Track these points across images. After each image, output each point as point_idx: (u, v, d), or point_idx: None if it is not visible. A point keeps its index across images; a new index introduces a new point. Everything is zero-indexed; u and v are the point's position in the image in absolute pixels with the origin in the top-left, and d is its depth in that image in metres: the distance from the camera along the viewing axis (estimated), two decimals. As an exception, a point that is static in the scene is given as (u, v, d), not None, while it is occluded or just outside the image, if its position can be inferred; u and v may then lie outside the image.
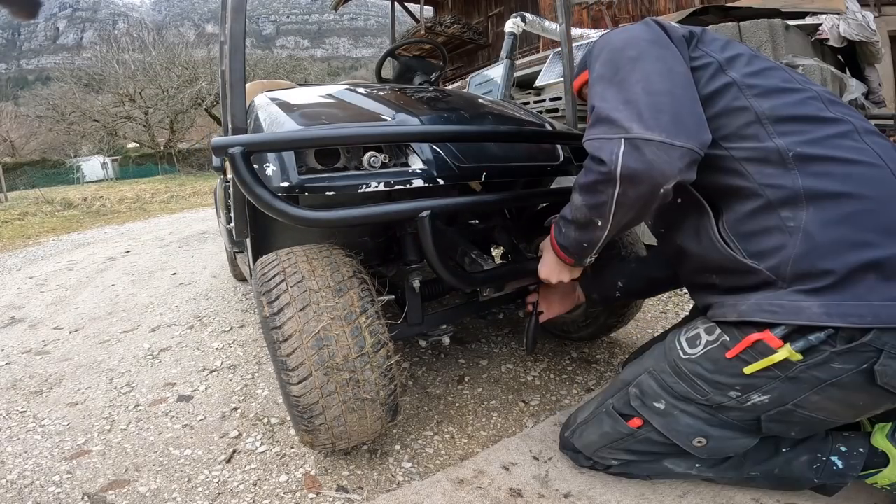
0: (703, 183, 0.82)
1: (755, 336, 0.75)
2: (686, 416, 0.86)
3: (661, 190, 0.74)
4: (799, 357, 0.72)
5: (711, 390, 0.82)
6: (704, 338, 0.83)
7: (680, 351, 0.86)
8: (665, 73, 0.78)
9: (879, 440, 0.86)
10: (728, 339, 0.79)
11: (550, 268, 1.06)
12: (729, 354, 0.78)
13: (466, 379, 1.54)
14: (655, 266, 1.21)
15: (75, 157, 24.59)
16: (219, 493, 1.09)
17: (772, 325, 0.74)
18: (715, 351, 0.81)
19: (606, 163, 0.75)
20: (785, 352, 0.72)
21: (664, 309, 2.04)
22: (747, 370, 0.76)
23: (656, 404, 0.89)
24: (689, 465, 0.94)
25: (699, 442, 0.87)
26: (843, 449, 0.87)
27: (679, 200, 0.88)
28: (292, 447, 1.23)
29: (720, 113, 0.80)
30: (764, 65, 0.84)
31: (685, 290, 0.99)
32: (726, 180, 0.80)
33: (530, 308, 1.33)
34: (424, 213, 0.97)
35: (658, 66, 0.78)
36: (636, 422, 0.92)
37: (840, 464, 0.87)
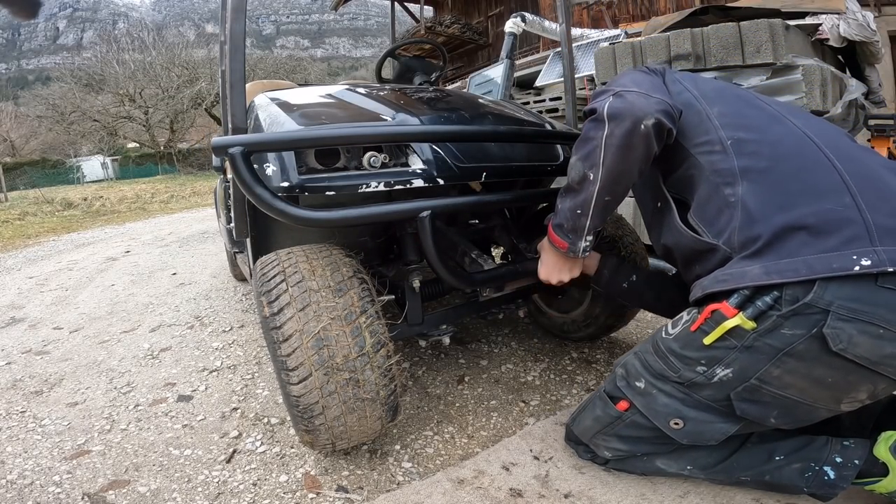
0: (674, 182, 0.96)
1: (713, 306, 0.81)
2: (663, 395, 0.89)
3: (642, 126, 0.86)
4: (752, 325, 0.76)
5: (682, 366, 0.85)
6: (683, 318, 0.88)
7: (663, 331, 0.91)
8: (646, 76, 0.98)
9: (882, 451, 0.85)
10: (697, 313, 0.84)
11: (550, 267, 1.08)
12: (693, 327, 0.83)
13: (466, 379, 1.54)
14: (668, 284, 1.20)
15: (75, 157, 24.57)
16: (219, 493, 1.09)
17: (727, 295, 0.80)
18: (685, 326, 0.86)
19: (598, 111, 0.90)
20: (738, 319, 0.77)
21: (664, 309, 2.04)
22: (706, 340, 0.81)
23: (637, 383, 0.92)
24: (680, 465, 0.96)
25: (676, 423, 0.88)
26: (838, 460, 0.87)
27: (658, 205, 1.00)
28: (292, 447, 1.23)
29: (684, 118, 0.94)
30: (722, 85, 1.03)
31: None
32: (688, 172, 0.92)
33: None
34: (425, 214, 0.97)
35: (641, 74, 0.99)
36: (623, 404, 0.95)
37: (832, 474, 0.86)
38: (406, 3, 10.87)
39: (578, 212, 0.95)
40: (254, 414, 1.41)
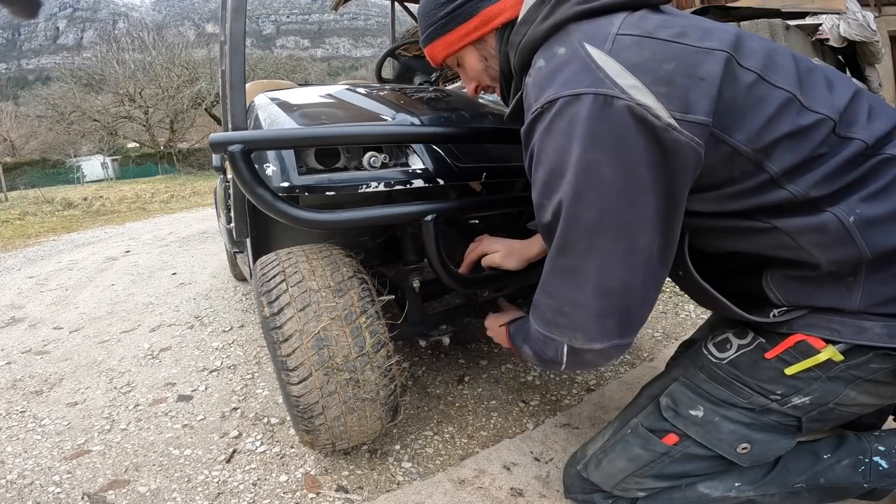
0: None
1: (798, 337, 0.74)
2: (728, 421, 0.82)
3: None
4: (841, 358, 0.72)
5: (752, 393, 0.80)
6: (735, 342, 0.82)
7: (710, 356, 0.84)
8: (626, 253, 0.68)
9: None
10: (765, 340, 0.78)
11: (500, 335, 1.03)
12: (769, 355, 0.77)
13: (466, 379, 1.54)
14: None
15: (75, 156, 24.60)
16: (219, 493, 1.09)
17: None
18: (751, 353, 0.79)
19: (553, 360, 0.81)
20: (829, 353, 0.72)
21: (664, 309, 2.04)
22: (788, 371, 0.75)
23: (693, 412, 0.84)
24: (727, 486, 0.87)
25: (743, 448, 0.83)
26: (881, 448, 0.84)
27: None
28: (292, 447, 1.23)
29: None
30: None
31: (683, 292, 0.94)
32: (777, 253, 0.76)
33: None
34: (429, 217, 0.97)
35: (618, 247, 0.68)
36: (671, 438, 0.85)
37: (884, 464, 0.83)
38: (406, 3, 10.86)
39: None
40: (254, 414, 1.41)
